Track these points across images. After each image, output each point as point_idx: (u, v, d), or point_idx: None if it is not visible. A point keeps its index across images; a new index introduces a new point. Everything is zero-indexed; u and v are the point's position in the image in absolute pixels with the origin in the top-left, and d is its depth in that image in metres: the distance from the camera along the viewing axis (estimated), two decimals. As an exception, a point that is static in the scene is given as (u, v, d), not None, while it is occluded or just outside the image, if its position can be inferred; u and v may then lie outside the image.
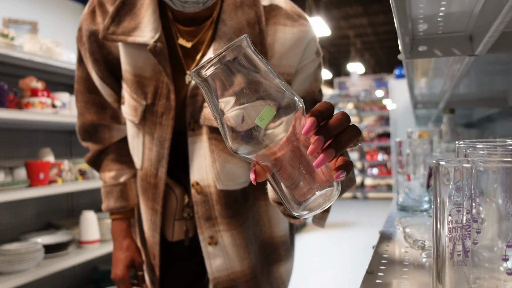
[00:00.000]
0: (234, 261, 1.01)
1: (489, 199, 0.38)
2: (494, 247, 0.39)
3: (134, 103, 0.98)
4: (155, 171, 1.01)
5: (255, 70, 0.49)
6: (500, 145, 0.46)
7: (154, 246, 1.08)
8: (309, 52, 0.98)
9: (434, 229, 0.41)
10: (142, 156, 1.03)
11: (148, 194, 1.04)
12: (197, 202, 0.99)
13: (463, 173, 0.39)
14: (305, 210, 0.51)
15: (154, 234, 1.06)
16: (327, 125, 0.50)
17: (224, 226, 1.00)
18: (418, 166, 1.16)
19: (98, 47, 1.01)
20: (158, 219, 1.04)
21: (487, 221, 0.39)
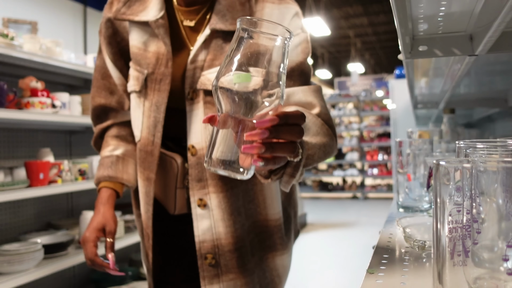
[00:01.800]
0: (219, 225, 1.04)
1: (489, 199, 0.38)
2: (494, 247, 0.38)
3: (137, 74, 1.08)
4: (152, 138, 1.07)
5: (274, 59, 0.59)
6: (501, 145, 0.46)
7: (147, 223, 1.11)
8: (294, 26, 1.06)
9: (435, 229, 0.41)
10: (142, 125, 1.09)
11: (144, 165, 1.09)
12: (192, 165, 1.04)
13: (463, 173, 0.39)
14: (210, 166, 0.61)
15: (148, 208, 1.09)
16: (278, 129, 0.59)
17: (212, 188, 1.04)
18: (418, 166, 1.16)
19: (113, 32, 1.14)
20: (151, 189, 1.08)
21: (487, 221, 0.38)
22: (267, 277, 1.13)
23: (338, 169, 9.38)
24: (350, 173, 8.95)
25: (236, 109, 0.59)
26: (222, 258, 1.04)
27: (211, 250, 1.04)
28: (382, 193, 8.53)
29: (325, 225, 6.04)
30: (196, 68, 1.03)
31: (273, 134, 0.58)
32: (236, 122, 0.59)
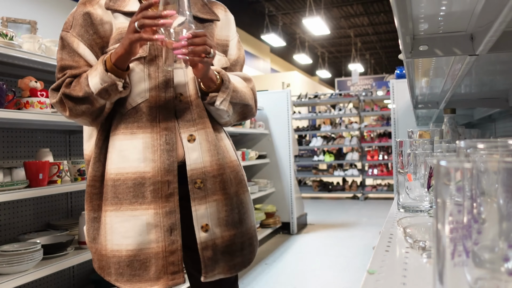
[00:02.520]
0: (206, 154, 1.31)
1: (490, 200, 0.38)
2: (495, 247, 0.38)
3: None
4: (164, 94, 1.28)
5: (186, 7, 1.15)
6: (501, 145, 0.46)
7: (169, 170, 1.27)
8: (233, 29, 1.54)
9: (435, 230, 0.41)
10: (148, 85, 1.28)
11: (160, 116, 1.28)
12: (181, 108, 1.31)
13: (464, 174, 0.38)
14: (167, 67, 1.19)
15: (171, 155, 1.27)
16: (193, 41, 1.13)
17: (200, 125, 1.31)
18: (419, 166, 1.15)
19: (90, 23, 1.30)
20: (172, 137, 1.28)
21: (488, 222, 0.38)
22: (239, 207, 1.39)
23: (338, 169, 9.38)
24: (351, 173, 8.95)
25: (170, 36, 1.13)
26: (208, 182, 1.30)
27: (199, 176, 1.29)
28: (383, 193, 8.54)
29: (325, 225, 6.04)
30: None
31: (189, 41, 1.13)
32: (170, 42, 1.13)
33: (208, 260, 1.29)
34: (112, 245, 1.27)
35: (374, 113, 8.91)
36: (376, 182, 9.84)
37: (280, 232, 5.47)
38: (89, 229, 1.35)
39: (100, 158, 1.32)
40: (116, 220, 1.26)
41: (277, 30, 13.64)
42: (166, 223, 1.26)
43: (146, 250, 1.25)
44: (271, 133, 5.52)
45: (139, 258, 1.25)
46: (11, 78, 2.50)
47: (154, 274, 1.25)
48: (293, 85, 12.33)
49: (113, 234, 1.27)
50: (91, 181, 1.33)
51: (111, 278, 1.28)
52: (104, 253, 1.29)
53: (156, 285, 1.25)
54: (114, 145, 1.29)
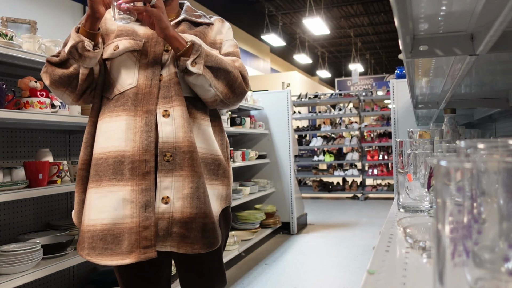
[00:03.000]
0: (179, 130, 1.36)
1: (490, 200, 0.38)
2: (495, 247, 0.38)
3: (134, 41, 1.42)
4: (150, 82, 1.39)
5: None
6: (502, 145, 0.45)
7: (147, 150, 1.35)
8: (229, 35, 1.63)
9: (435, 230, 0.41)
10: (137, 75, 1.40)
11: (143, 101, 1.37)
12: (163, 85, 1.40)
13: (464, 174, 0.38)
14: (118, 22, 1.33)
15: (149, 135, 1.35)
16: None
17: (177, 102, 1.38)
18: (419, 166, 1.15)
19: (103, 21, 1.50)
20: (152, 119, 1.36)
21: (488, 222, 0.38)
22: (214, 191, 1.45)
23: (338, 169, 9.38)
24: (351, 173, 8.95)
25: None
26: (178, 157, 1.35)
27: (170, 150, 1.35)
28: (383, 193, 8.53)
29: (325, 225, 6.04)
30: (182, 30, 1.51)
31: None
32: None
33: (161, 230, 1.33)
34: (89, 220, 1.34)
35: (374, 113, 8.91)
36: (376, 182, 9.84)
37: (280, 232, 5.47)
38: (79, 211, 1.42)
39: (90, 142, 1.43)
40: (95, 196, 1.34)
41: (277, 30, 13.64)
42: (141, 200, 1.32)
43: (120, 224, 1.30)
44: (271, 133, 5.52)
45: (113, 232, 1.30)
46: (10, 78, 2.50)
47: (127, 248, 1.29)
48: (293, 85, 12.32)
49: (91, 209, 1.34)
50: (82, 165, 1.42)
51: (83, 253, 1.34)
52: (82, 228, 1.37)
53: (128, 259, 1.29)
54: (100, 128, 1.40)
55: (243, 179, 5.48)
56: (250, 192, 4.68)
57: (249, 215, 4.80)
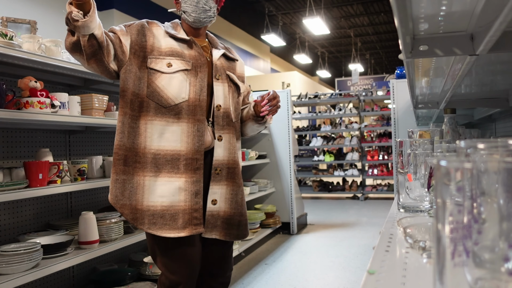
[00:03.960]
0: (226, 152, 1.83)
1: (490, 200, 0.38)
2: (495, 247, 0.38)
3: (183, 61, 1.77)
4: (198, 97, 1.76)
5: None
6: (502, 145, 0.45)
7: (198, 151, 1.74)
8: (244, 70, 2.10)
9: (435, 230, 0.41)
10: (188, 91, 1.75)
11: (194, 112, 1.74)
12: (218, 115, 1.83)
13: (464, 174, 0.38)
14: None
15: (200, 139, 1.75)
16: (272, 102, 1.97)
17: (227, 130, 1.85)
18: (419, 166, 1.15)
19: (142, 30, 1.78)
20: (202, 126, 1.75)
21: (488, 222, 0.38)
22: (243, 196, 1.90)
23: (338, 169, 9.38)
24: (351, 173, 8.94)
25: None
26: (224, 171, 1.82)
27: (219, 166, 1.81)
28: (383, 193, 8.53)
29: (325, 225, 6.04)
30: (217, 64, 1.88)
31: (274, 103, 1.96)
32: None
33: (208, 222, 1.78)
34: (148, 201, 1.68)
35: (374, 113, 8.90)
36: (376, 182, 9.84)
37: (280, 232, 5.47)
38: (113, 189, 1.72)
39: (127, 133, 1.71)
40: (154, 184, 1.69)
41: (277, 30, 13.64)
42: (192, 189, 1.72)
43: (176, 206, 1.69)
44: (271, 133, 5.52)
45: (170, 212, 1.68)
46: (10, 78, 2.50)
47: (181, 225, 1.68)
48: (293, 85, 12.33)
49: (150, 193, 1.69)
50: (117, 149, 1.71)
51: (143, 227, 1.68)
52: (140, 207, 1.69)
53: (183, 233, 1.68)
54: (153, 129, 1.71)
55: (243, 179, 5.48)
56: (250, 192, 4.68)
57: (249, 215, 4.79)
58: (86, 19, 1.49)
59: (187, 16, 1.84)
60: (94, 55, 1.60)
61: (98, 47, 1.59)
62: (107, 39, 1.65)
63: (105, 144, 3.23)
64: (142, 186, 1.69)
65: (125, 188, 1.70)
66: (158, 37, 1.78)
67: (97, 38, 1.57)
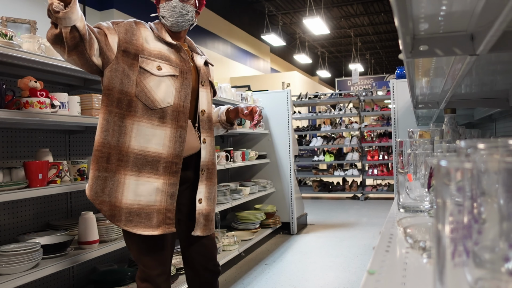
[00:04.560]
0: (208, 154, 1.97)
1: (490, 200, 0.38)
2: (495, 248, 0.38)
3: (170, 66, 1.82)
4: (182, 103, 1.83)
5: None
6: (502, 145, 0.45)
7: (177, 155, 1.80)
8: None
9: (435, 230, 0.41)
10: (174, 96, 1.81)
11: (178, 118, 1.81)
12: (203, 120, 1.95)
13: (464, 174, 0.38)
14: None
15: (181, 145, 1.81)
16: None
17: (209, 133, 1.98)
18: (419, 166, 1.15)
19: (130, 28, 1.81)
20: (184, 133, 1.82)
21: (489, 222, 0.38)
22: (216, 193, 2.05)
23: (338, 169, 9.38)
24: (351, 173, 8.94)
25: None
26: (206, 172, 1.96)
27: (203, 167, 1.94)
28: (383, 193, 8.53)
29: (325, 225, 6.04)
30: (201, 71, 1.97)
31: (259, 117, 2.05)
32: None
33: (198, 221, 1.92)
34: (127, 199, 1.73)
35: (374, 113, 8.90)
36: (376, 182, 9.83)
37: (280, 232, 5.47)
38: (93, 185, 1.74)
39: (111, 131, 1.74)
40: (134, 183, 1.74)
41: (277, 30, 13.64)
42: (169, 191, 1.79)
43: (152, 206, 1.75)
44: (271, 133, 5.52)
45: (146, 211, 1.75)
46: (10, 78, 2.50)
47: (156, 223, 1.75)
48: (293, 85, 12.32)
49: (129, 192, 1.73)
50: (99, 146, 1.74)
51: (120, 224, 1.73)
52: (118, 205, 1.73)
53: (156, 231, 1.76)
54: (139, 130, 1.74)
55: (243, 179, 5.48)
56: (250, 192, 4.68)
57: (249, 215, 4.79)
58: (67, 10, 1.51)
59: (165, 21, 1.90)
60: (75, 47, 1.61)
61: (80, 39, 1.60)
62: (90, 33, 1.67)
63: (105, 144, 3.23)
64: (123, 184, 1.73)
65: (106, 185, 1.73)
66: (146, 38, 1.82)
67: (79, 30, 1.58)
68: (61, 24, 1.54)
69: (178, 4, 1.87)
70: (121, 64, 1.74)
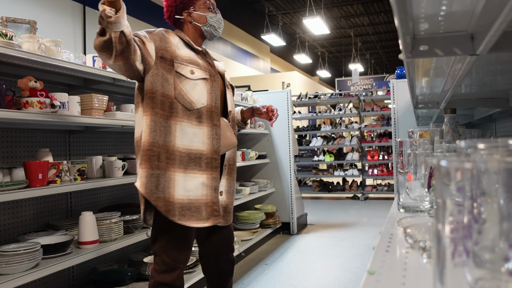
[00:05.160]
0: (232, 151, 2.15)
1: (490, 200, 0.38)
2: (495, 248, 0.38)
3: (202, 70, 2.00)
4: (214, 104, 2.00)
5: None
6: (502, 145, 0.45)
7: (216, 151, 1.98)
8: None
9: (435, 230, 0.41)
10: (207, 97, 1.97)
11: (212, 117, 1.98)
12: (231, 119, 2.14)
13: (464, 174, 0.38)
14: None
15: (218, 142, 1.99)
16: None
17: (234, 131, 2.13)
18: (419, 166, 1.15)
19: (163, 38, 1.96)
20: (218, 131, 2.00)
21: (489, 222, 0.38)
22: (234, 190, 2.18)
23: (338, 169, 9.37)
24: (351, 173, 8.94)
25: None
26: (228, 167, 2.13)
27: (227, 163, 2.12)
28: (383, 193, 8.53)
29: (325, 225, 6.03)
30: (224, 75, 2.18)
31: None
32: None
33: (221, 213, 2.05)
34: (178, 195, 1.87)
35: (374, 113, 8.90)
36: (376, 182, 9.83)
37: (280, 232, 5.47)
38: (147, 183, 1.85)
39: (159, 131, 1.87)
40: (182, 179, 1.88)
41: (277, 30, 13.64)
42: (213, 184, 1.97)
43: (199, 200, 1.91)
44: (271, 133, 5.52)
45: (195, 205, 1.90)
46: (10, 78, 2.50)
47: (205, 216, 1.92)
48: (293, 85, 12.32)
49: (179, 188, 1.87)
50: (149, 146, 1.86)
51: (175, 218, 1.85)
52: (172, 200, 1.86)
53: (207, 223, 1.93)
54: (182, 129, 1.90)
55: (243, 179, 5.48)
56: (250, 192, 4.68)
57: (249, 215, 4.79)
58: (118, 15, 1.66)
59: (212, 30, 2.12)
60: (122, 53, 1.73)
61: (127, 45, 1.73)
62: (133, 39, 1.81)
63: (105, 144, 3.23)
64: (173, 181, 1.87)
65: (159, 182, 1.85)
66: (177, 45, 1.98)
67: (126, 36, 1.72)
68: (111, 29, 1.67)
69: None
70: (160, 69, 1.88)
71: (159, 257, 1.94)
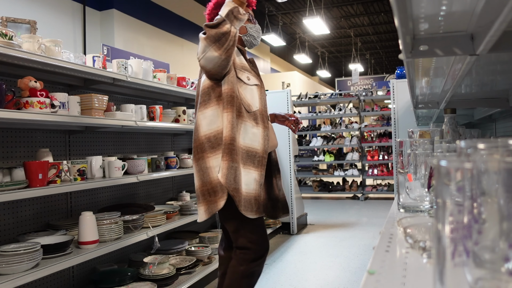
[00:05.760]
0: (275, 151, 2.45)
1: (490, 200, 0.38)
2: (495, 248, 0.38)
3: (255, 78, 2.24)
4: (264, 108, 2.23)
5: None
6: (502, 145, 0.45)
7: (266, 151, 2.16)
8: None
9: (435, 230, 0.41)
10: (259, 102, 2.19)
11: (263, 120, 2.19)
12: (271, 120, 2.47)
13: (464, 174, 0.38)
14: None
15: (268, 142, 2.18)
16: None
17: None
18: (419, 166, 1.15)
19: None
20: (268, 132, 2.20)
21: (489, 222, 0.38)
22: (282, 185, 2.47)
23: (338, 169, 9.37)
24: (351, 173, 8.94)
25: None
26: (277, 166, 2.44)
27: (274, 162, 2.40)
28: (383, 193, 8.53)
29: (325, 225, 6.03)
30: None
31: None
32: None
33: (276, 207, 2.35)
34: (242, 188, 2.07)
35: (374, 113, 8.89)
36: (376, 182, 9.83)
37: (280, 232, 5.47)
38: (228, 174, 2.03)
39: (235, 130, 2.07)
40: (244, 174, 2.08)
41: (277, 30, 13.64)
42: (260, 180, 2.14)
43: (251, 193, 2.10)
44: (271, 133, 5.51)
45: (249, 197, 2.08)
46: (10, 78, 2.50)
47: (255, 208, 2.10)
48: (293, 85, 12.32)
49: (243, 181, 2.07)
50: (230, 140, 2.05)
51: (241, 209, 2.04)
52: (241, 192, 2.06)
53: (257, 214, 2.11)
54: (245, 128, 2.11)
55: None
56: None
57: (249, 215, 4.79)
58: (246, 14, 1.99)
59: (252, 40, 2.35)
60: (229, 49, 1.97)
61: (233, 43, 1.98)
62: None
63: (105, 144, 3.23)
64: (241, 174, 2.07)
65: (236, 175, 2.04)
66: (235, 54, 2.19)
67: (236, 36, 1.98)
68: (235, 26, 1.96)
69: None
70: (232, 73, 2.10)
71: (248, 247, 2.14)
